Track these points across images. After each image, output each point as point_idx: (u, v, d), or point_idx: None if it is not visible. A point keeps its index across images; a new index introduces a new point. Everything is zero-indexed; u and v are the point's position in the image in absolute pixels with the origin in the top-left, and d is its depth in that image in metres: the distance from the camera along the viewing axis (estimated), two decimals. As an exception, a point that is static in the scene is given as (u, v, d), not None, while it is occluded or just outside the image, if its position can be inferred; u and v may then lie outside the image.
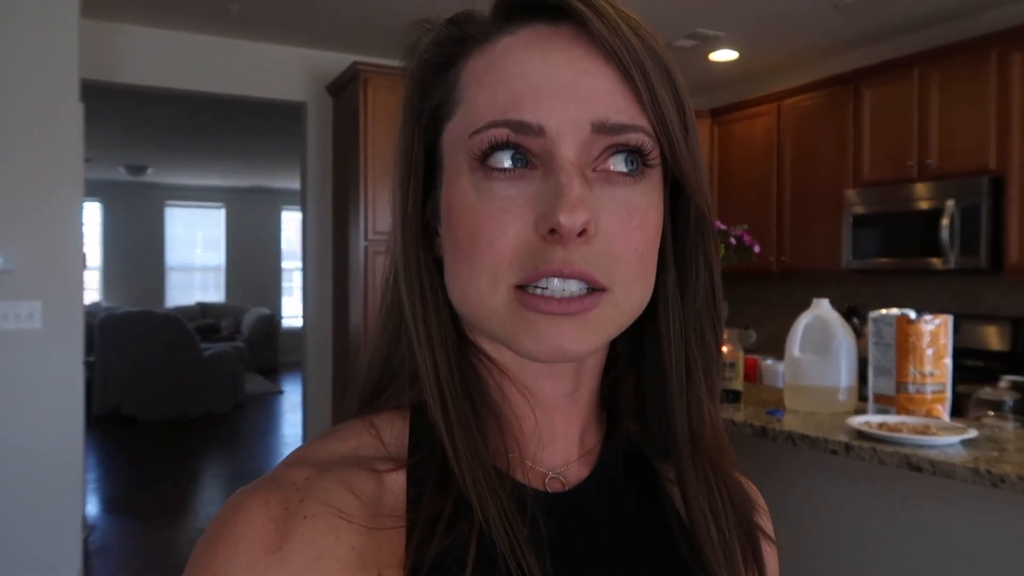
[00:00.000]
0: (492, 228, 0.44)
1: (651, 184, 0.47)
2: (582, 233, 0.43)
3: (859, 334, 2.88)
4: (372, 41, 4.24)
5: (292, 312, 11.12)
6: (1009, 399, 1.82)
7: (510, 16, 0.47)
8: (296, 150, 4.94)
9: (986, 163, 3.43)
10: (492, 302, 0.45)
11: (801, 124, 4.37)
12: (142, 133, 7.05)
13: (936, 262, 3.60)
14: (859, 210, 3.95)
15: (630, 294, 0.46)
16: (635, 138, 0.45)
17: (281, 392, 8.62)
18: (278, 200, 11.03)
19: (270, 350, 10.03)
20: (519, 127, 0.44)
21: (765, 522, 0.59)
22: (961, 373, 2.90)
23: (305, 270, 4.67)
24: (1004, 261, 3.38)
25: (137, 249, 10.41)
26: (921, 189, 3.68)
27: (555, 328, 0.44)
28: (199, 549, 0.44)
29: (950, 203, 3.51)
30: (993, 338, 3.66)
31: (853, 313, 4.08)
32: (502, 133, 0.44)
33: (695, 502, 0.51)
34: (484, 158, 0.45)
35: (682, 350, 0.52)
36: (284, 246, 11.34)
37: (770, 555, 0.57)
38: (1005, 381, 2.86)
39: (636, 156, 0.46)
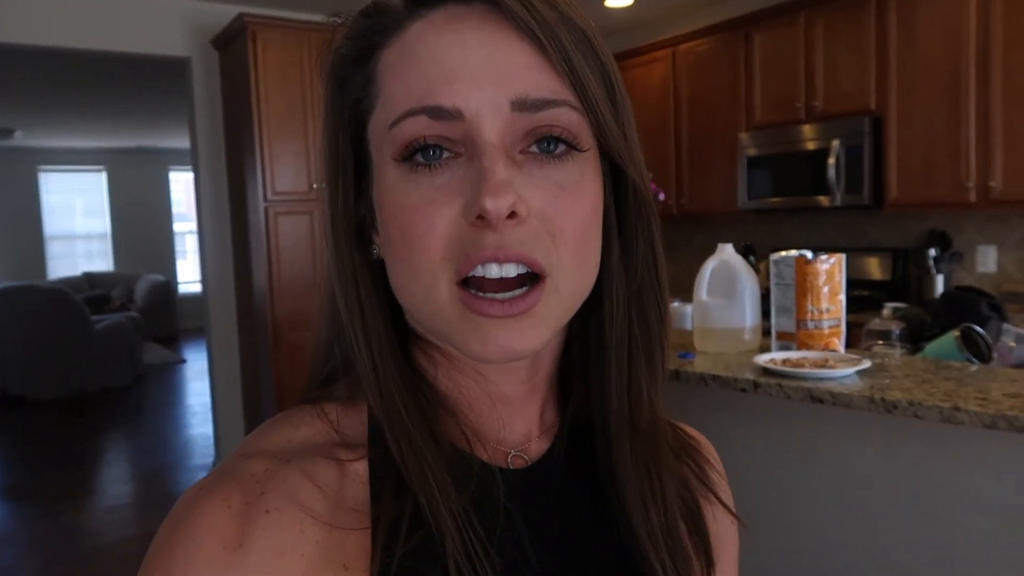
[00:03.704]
0: (420, 222, 0.43)
1: (585, 161, 0.46)
2: (513, 216, 0.42)
3: (755, 271, 3.03)
4: (258, -9, 4.03)
5: (189, 277, 10.66)
6: (896, 328, 1.96)
7: (420, 0, 0.46)
8: (182, 107, 4.68)
9: (867, 104, 3.62)
10: (435, 302, 0.44)
11: (695, 69, 4.46)
12: (6, 94, 6.49)
13: (824, 200, 3.80)
14: (752, 152, 4.10)
15: (571, 278, 0.45)
16: (559, 114, 0.44)
17: (183, 361, 8.32)
18: (165, 160, 10.44)
19: (168, 318, 9.63)
20: (436, 112, 0.43)
21: (722, 485, 0.60)
22: (849, 304, 3.09)
23: (201, 233, 4.47)
24: (884, 197, 3.60)
25: (10, 219, 9.68)
26: (808, 130, 3.84)
27: (501, 329, 0.43)
28: (154, 550, 0.43)
29: (835, 143, 3.69)
30: (875, 269, 3.91)
31: (750, 252, 4.27)
32: (420, 122, 0.43)
33: (629, 484, 0.51)
34: (406, 155, 0.44)
35: (624, 329, 0.51)
36: (174, 208, 10.79)
37: (729, 532, 0.59)
38: (888, 309, 3.07)
39: (564, 143, 0.45)
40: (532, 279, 0.44)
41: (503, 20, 0.44)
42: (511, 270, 0.43)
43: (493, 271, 0.43)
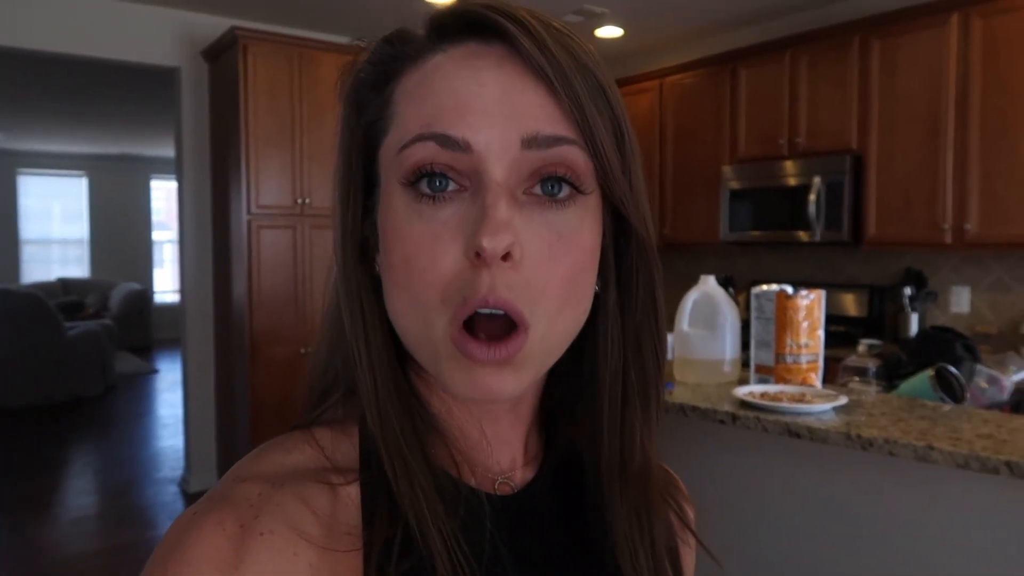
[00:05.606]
0: (424, 255, 0.44)
1: (586, 206, 0.47)
2: (507, 257, 0.42)
3: (735, 302, 3.06)
4: (250, 4, 4.04)
5: (165, 286, 10.55)
6: (872, 366, 1.99)
7: (442, 35, 0.48)
8: (168, 116, 4.66)
9: (849, 143, 3.69)
10: (430, 337, 0.45)
11: (682, 101, 4.53)
12: (-11, 95, 6.44)
13: (803, 235, 3.85)
14: (735, 185, 4.15)
15: (554, 326, 0.46)
16: (567, 152, 0.45)
17: (156, 371, 8.21)
18: (147, 168, 10.36)
19: (142, 327, 9.51)
20: (445, 141, 0.44)
21: (689, 513, 0.62)
22: (825, 338, 3.13)
23: (182, 243, 4.44)
24: (863, 234, 3.66)
25: (-14, 221, 9.56)
26: (790, 166, 3.90)
27: (485, 372, 0.44)
28: (148, 574, 0.43)
29: (816, 180, 3.75)
30: (852, 305, 3.96)
31: (729, 283, 4.31)
32: (428, 148, 0.44)
33: (618, 526, 0.52)
34: (413, 180, 0.45)
35: (618, 370, 0.52)
36: (154, 217, 10.69)
37: (688, 558, 0.60)
38: (863, 345, 3.11)
39: (568, 184, 0.45)
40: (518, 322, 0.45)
41: (519, 62, 0.45)
42: (498, 311, 0.44)
43: (484, 309, 0.44)
